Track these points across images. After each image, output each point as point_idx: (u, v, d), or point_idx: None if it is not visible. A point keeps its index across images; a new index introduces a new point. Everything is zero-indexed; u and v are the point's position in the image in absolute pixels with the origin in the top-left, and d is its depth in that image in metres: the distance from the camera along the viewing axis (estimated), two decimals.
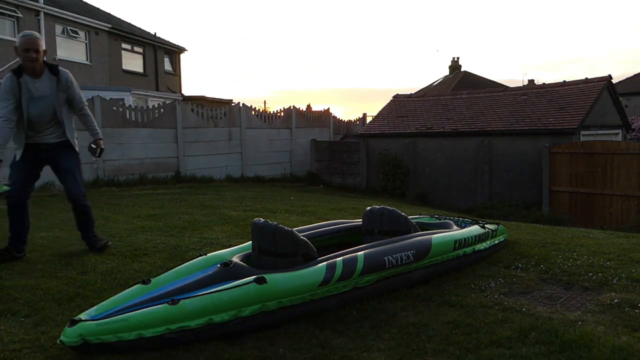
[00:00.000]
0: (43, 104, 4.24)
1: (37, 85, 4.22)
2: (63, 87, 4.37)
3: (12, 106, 4.09)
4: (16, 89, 4.12)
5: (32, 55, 4.17)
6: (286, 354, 2.56)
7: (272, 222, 3.34)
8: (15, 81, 4.13)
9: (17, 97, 4.12)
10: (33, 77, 4.21)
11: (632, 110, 23.43)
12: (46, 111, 4.27)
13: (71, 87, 4.46)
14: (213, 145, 14.55)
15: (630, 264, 4.08)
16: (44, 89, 4.25)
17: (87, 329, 2.52)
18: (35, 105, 4.20)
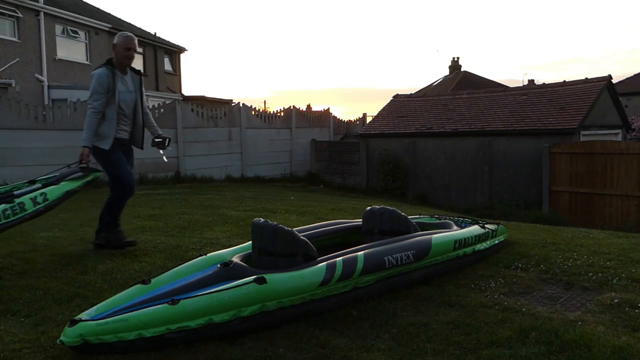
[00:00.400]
0: (129, 99, 4.58)
1: (125, 82, 4.56)
2: (141, 87, 4.75)
3: (104, 99, 4.41)
4: (112, 83, 4.42)
5: (132, 54, 4.51)
6: (286, 354, 2.56)
7: (272, 222, 3.34)
8: (111, 76, 4.43)
9: (112, 91, 4.43)
10: (122, 74, 4.53)
11: (632, 110, 23.43)
12: (130, 106, 4.61)
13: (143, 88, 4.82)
14: (213, 145, 14.55)
15: (630, 264, 4.08)
16: (130, 86, 4.60)
17: (87, 329, 2.52)
18: (123, 100, 4.54)
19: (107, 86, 4.39)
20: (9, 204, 4.06)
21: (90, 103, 4.41)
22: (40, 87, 16.01)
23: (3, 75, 14.77)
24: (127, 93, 4.56)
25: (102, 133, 4.49)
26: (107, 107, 4.44)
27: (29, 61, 15.64)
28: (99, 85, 4.38)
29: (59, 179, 4.59)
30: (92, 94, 4.41)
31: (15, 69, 15.15)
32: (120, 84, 4.48)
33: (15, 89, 14.92)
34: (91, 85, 4.42)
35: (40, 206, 4.26)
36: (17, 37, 15.42)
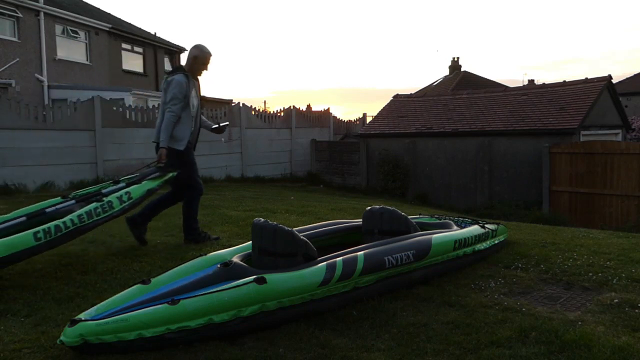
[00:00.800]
0: (196, 104, 4.99)
1: (195, 88, 4.96)
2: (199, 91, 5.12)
3: (182, 104, 4.78)
4: (188, 89, 4.80)
5: (207, 67, 5.01)
6: (286, 354, 2.56)
7: (272, 222, 3.34)
8: (187, 83, 4.81)
9: (188, 97, 4.82)
10: (192, 82, 4.92)
11: (632, 110, 23.43)
12: (196, 109, 5.01)
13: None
14: (213, 145, 14.54)
15: (630, 264, 4.08)
16: (196, 92, 5.01)
17: (87, 329, 2.52)
18: (193, 105, 4.92)
19: (185, 92, 4.76)
20: (99, 202, 4.36)
21: (170, 107, 4.73)
22: (40, 87, 16.01)
23: (3, 75, 14.77)
24: (195, 98, 4.94)
25: (178, 135, 4.82)
26: (183, 112, 4.80)
27: (29, 61, 15.64)
28: (179, 92, 4.72)
29: (140, 179, 4.81)
30: (172, 99, 4.74)
31: (15, 69, 15.15)
32: (192, 90, 4.87)
33: (15, 89, 14.92)
34: (171, 90, 4.74)
35: (125, 204, 4.53)
36: (17, 37, 15.42)
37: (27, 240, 3.70)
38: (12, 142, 10.54)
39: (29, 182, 10.57)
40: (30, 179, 10.61)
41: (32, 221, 4.27)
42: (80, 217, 4.09)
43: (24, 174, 10.57)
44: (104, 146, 12.06)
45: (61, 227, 3.91)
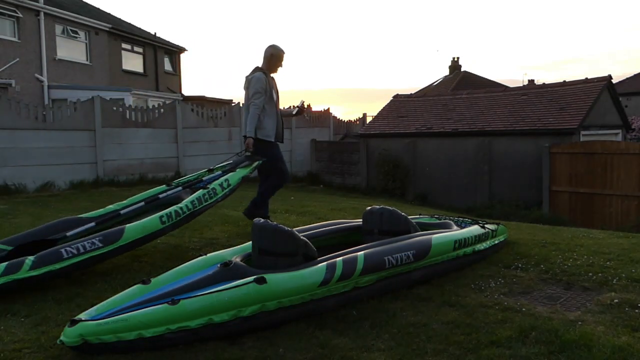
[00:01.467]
0: (275, 99, 5.48)
1: (272, 84, 5.47)
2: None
3: (263, 98, 5.28)
4: (267, 84, 5.32)
5: (282, 64, 5.51)
6: (286, 354, 2.56)
7: (272, 222, 3.34)
8: (266, 79, 5.33)
9: (269, 91, 5.33)
10: (270, 79, 5.45)
11: (632, 110, 23.42)
12: (275, 103, 5.50)
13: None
14: (213, 145, 14.54)
15: (630, 264, 4.08)
16: (275, 87, 5.51)
17: (87, 329, 2.52)
18: (275, 98, 5.44)
19: (265, 87, 5.27)
20: (205, 190, 4.74)
21: (253, 101, 5.25)
22: (40, 87, 16.01)
23: (3, 75, 14.77)
24: (275, 93, 5.47)
25: (265, 127, 5.33)
26: (267, 104, 5.30)
27: (29, 61, 15.64)
28: (260, 87, 5.25)
29: (233, 167, 5.23)
30: (254, 94, 5.27)
31: (15, 69, 15.15)
32: (272, 86, 5.42)
33: (15, 89, 14.92)
34: (253, 86, 5.28)
35: (226, 190, 4.90)
36: (17, 37, 15.42)
37: (155, 223, 4.18)
38: (12, 142, 10.54)
39: (29, 182, 10.57)
40: (30, 179, 10.61)
41: (148, 206, 4.79)
42: (193, 202, 4.53)
43: (24, 174, 10.57)
44: (104, 146, 12.06)
45: (179, 212, 4.39)
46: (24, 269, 3.42)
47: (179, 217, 4.34)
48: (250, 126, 5.23)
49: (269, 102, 5.31)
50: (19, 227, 6.16)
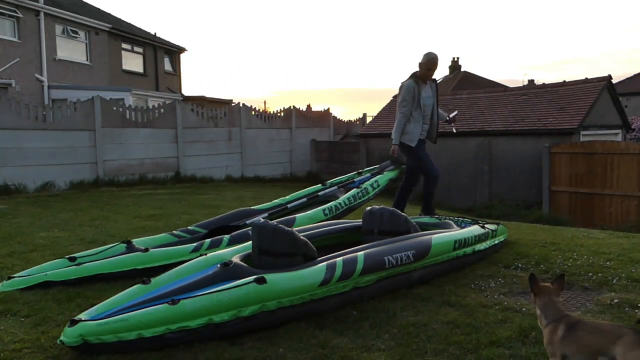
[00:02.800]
0: (428, 104, 5.64)
1: (426, 89, 5.62)
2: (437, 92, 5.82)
3: (410, 106, 5.50)
4: (416, 92, 5.49)
5: (432, 73, 5.60)
6: (286, 354, 2.56)
7: (272, 222, 3.34)
8: (416, 86, 5.50)
9: (417, 99, 5.50)
10: (423, 83, 5.60)
11: (632, 110, 23.43)
12: (429, 109, 5.67)
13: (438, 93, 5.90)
14: (213, 145, 14.54)
15: (630, 264, 4.08)
16: (429, 92, 5.64)
17: (87, 329, 2.52)
18: (424, 105, 5.58)
19: (412, 95, 5.46)
20: (358, 189, 5.62)
21: (400, 109, 5.52)
22: (40, 87, 16.01)
23: (3, 75, 14.77)
24: (427, 98, 5.59)
25: (410, 132, 5.55)
26: (414, 111, 5.50)
27: (29, 61, 15.63)
28: (407, 95, 5.47)
29: (381, 170, 6.06)
30: (401, 102, 5.53)
31: (15, 69, 15.14)
32: (423, 92, 5.53)
33: (15, 89, 14.92)
34: (401, 95, 5.54)
35: (376, 190, 5.83)
36: (17, 37, 15.42)
37: (319, 215, 4.90)
38: (12, 142, 10.54)
39: (29, 182, 10.57)
40: (30, 179, 10.61)
41: (309, 201, 5.66)
42: (349, 199, 5.35)
43: (24, 174, 10.56)
44: (104, 146, 12.06)
45: (338, 207, 5.17)
46: (223, 244, 4.16)
47: (338, 211, 5.12)
48: (395, 134, 5.55)
49: (416, 108, 5.51)
50: (19, 227, 6.17)
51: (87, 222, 6.52)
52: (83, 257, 4.01)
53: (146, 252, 3.96)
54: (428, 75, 5.56)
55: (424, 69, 5.50)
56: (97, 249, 4.23)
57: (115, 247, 4.15)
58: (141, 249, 4.03)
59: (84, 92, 14.24)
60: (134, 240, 4.31)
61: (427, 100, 5.58)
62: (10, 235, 5.57)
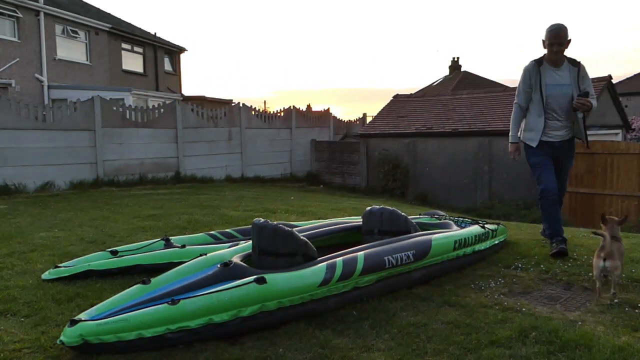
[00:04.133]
0: (559, 93, 4.31)
1: (556, 75, 4.33)
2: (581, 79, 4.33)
3: (522, 96, 4.43)
4: (537, 77, 4.31)
5: (554, 49, 4.23)
6: (286, 354, 2.56)
7: (272, 222, 3.34)
8: (536, 70, 4.32)
9: (536, 84, 4.33)
10: (554, 67, 4.32)
11: (632, 110, 23.43)
12: (561, 100, 4.32)
13: (586, 79, 4.36)
14: (213, 145, 14.55)
15: (630, 264, 4.09)
16: (564, 79, 4.32)
17: (87, 329, 2.52)
18: (551, 95, 4.32)
19: (527, 81, 4.36)
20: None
21: (515, 99, 4.51)
22: (40, 87, 16.01)
23: (3, 75, 14.77)
24: (556, 87, 4.30)
25: (529, 127, 4.45)
26: (532, 103, 4.39)
27: (29, 61, 15.63)
28: (522, 81, 4.40)
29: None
30: (517, 90, 4.49)
31: (15, 69, 15.14)
32: (549, 78, 4.30)
33: (15, 89, 14.92)
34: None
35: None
36: (17, 37, 15.42)
37: None
38: (12, 142, 10.54)
39: (29, 182, 10.57)
40: (30, 179, 10.61)
41: None
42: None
43: (24, 174, 10.57)
44: (104, 146, 12.06)
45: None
46: None
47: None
48: (511, 131, 4.53)
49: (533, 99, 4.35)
50: (19, 227, 6.17)
51: (87, 222, 6.52)
52: (124, 251, 4.22)
53: (183, 248, 4.10)
54: (553, 54, 4.24)
55: (547, 46, 4.26)
56: (138, 244, 4.43)
57: (154, 244, 4.34)
58: (178, 246, 4.18)
59: (84, 92, 14.25)
60: (172, 238, 4.48)
61: (553, 89, 4.29)
62: (10, 235, 5.57)
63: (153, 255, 4.07)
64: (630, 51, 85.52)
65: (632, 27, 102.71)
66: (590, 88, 4.31)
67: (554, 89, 4.29)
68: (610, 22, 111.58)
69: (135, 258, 4.00)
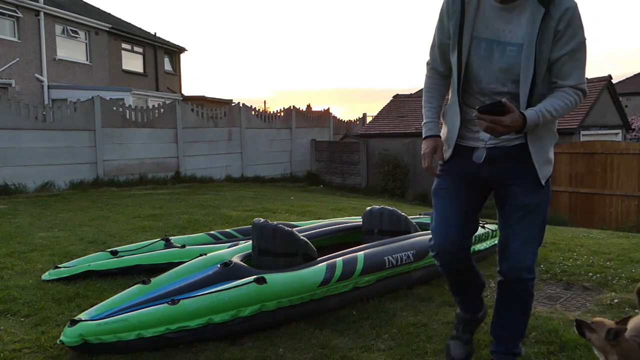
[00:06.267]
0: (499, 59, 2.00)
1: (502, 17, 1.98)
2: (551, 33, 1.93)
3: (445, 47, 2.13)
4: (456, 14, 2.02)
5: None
6: (286, 354, 2.56)
7: (272, 222, 3.34)
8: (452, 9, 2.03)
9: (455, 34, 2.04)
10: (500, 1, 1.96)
11: (632, 110, 23.43)
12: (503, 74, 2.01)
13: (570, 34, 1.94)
14: (213, 145, 14.55)
15: (630, 264, 4.08)
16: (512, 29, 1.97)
17: (87, 329, 2.52)
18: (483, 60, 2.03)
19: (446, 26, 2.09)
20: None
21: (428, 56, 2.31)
22: (40, 87, 16.01)
23: (3, 75, 14.77)
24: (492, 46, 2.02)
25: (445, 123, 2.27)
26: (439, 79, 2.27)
27: (29, 61, 15.63)
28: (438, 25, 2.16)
29: None
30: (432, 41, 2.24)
31: (15, 69, 15.14)
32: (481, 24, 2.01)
33: (15, 89, 14.92)
34: None
35: None
36: (17, 37, 15.41)
37: None
38: (12, 142, 10.54)
39: (29, 182, 10.57)
40: (30, 179, 10.61)
41: None
42: None
43: (24, 174, 10.57)
44: (104, 146, 12.06)
45: None
46: None
47: None
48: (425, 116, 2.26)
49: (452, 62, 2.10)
50: (19, 227, 6.17)
51: (87, 222, 6.52)
52: (124, 251, 4.22)
53: (183, 248, 4.10)
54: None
55: None
56: (138, 244, 4.42)
57: (154, 244, 4.33)
58: (178, 246, 4.17)
59: (84, 92, 14.24)
60: (172, 238, 4.47)
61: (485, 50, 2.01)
62: (10, 235, 5.57)
63: (153, 255, 4.06)
64: (630, 51, 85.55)
65: (632, 28, 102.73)
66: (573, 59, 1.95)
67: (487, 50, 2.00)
68: (610, 22, 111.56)
69: (135, 258, 4.00)
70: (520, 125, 1.90)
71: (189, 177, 13.56)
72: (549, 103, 1.97)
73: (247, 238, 4.17)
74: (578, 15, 1.93)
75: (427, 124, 2.23)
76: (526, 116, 1.90)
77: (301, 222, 5.22)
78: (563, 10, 1.90)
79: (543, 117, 1.94)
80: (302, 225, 4.64)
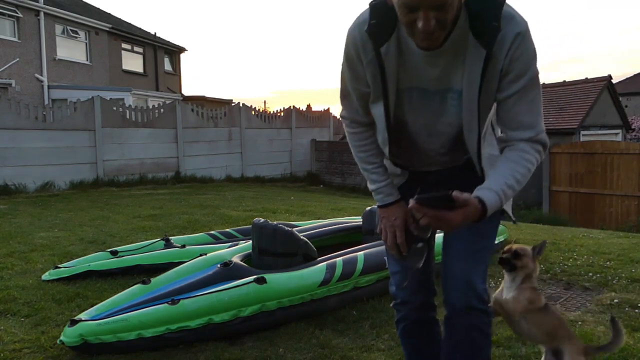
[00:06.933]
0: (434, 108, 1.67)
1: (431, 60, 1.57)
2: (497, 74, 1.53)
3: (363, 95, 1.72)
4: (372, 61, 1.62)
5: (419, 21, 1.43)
6: (286, 354, 2.56)
7: (272, 222, 3.35)
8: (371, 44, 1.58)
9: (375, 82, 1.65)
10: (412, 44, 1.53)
11: (632, 110, 23.43)
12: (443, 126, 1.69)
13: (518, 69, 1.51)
14: (213, 145, 14.54)
15: (630, 264, 4.08)
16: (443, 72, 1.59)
17: (87, 329, 2.52)
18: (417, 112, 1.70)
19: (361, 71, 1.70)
20: None
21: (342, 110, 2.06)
22: (40, 87, 16.00)
23: (3, 75, 14.77)
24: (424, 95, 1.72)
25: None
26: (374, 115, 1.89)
27: (29, 61, 15.63)
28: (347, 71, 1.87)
29: None
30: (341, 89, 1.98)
31: (15, 69, 15.14)
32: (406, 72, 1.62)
33: (15, 89, 14.92)
34: None
35: None
36: (17, 37, 15.41)
37: None
38: (12, 142, 10.54)
39: (29, 182, 10.57)
40: (30, 179, 10.61)
41: None
42: None
43: (24, 174, 10.56)
44: (104, 146, 12.06)
45: None
46: None
47: None
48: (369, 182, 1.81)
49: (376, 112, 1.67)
50: (19, 227, 6.17)
51: (87, 222, 6.52)
52: (124, 251, 4.22)
53: (183, 248, 4.11)
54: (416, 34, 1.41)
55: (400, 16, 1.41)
56: (138, 244, 4.43)
57: (154, 244, 4.34)
58: (178, 246, 4.18)
59: (84, 92, 14.24)
60: (172, 238, 4.48)
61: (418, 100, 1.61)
62: (10, 235, 5.57)
63: (153, 255, 4.07)
64: (630, 51, 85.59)
65: (631, 28, 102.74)
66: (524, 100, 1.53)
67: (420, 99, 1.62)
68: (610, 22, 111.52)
69: (135, 258, 4.00)
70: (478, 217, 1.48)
71: (189, 177, 13.56)
72: (509, 174, 1.53)
73: (247, 238, 4.16)
74: (530, 41, 1.48)
75: (382, 190, 1.75)
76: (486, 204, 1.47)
77: (301, 222, 5.22)
78: (511, 41, 1.45)
79: (505, 196, 1.52)
80: (302, 225, 4.64)
